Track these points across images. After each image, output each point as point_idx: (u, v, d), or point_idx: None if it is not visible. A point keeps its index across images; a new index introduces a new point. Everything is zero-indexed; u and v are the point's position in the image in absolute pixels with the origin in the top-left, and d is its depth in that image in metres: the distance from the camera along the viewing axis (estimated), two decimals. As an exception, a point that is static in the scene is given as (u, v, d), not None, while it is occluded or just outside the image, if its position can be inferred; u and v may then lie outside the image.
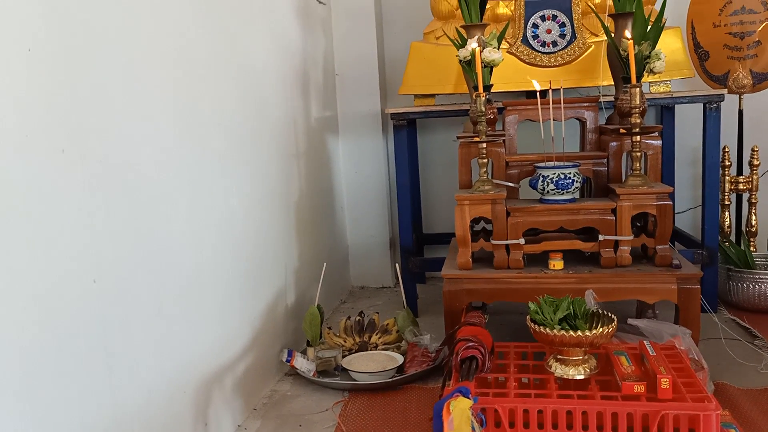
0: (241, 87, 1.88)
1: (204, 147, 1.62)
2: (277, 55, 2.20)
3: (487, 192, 1.93)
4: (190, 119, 1.54)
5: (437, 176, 3.10)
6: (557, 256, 1.93)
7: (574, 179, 1.91)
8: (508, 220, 1.93)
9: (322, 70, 2.72)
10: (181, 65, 1.51)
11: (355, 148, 2.95)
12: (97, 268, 1.16)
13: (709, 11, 2.61)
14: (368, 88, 2.92)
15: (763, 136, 2.76)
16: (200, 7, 1.63)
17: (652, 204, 1.87)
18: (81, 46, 1.15)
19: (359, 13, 2.88)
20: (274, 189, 2.10)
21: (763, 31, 2.54)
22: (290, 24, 2.37)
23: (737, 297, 2.37)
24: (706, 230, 2.38)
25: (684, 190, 2.92)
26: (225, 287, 1.70)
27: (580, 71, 2.43)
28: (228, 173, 1.76)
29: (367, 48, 2.90)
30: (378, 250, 3.00)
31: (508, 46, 2.46)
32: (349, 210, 2.98)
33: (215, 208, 1.66)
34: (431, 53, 2.51)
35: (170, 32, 1.47)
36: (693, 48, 2.65)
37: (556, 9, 2.44)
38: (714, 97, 2.29)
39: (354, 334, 2.15)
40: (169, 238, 1.42)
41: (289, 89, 2.30)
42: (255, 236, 1.92)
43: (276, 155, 2.14)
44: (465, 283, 1.94)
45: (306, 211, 2.40)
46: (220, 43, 1.75)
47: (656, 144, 2.00)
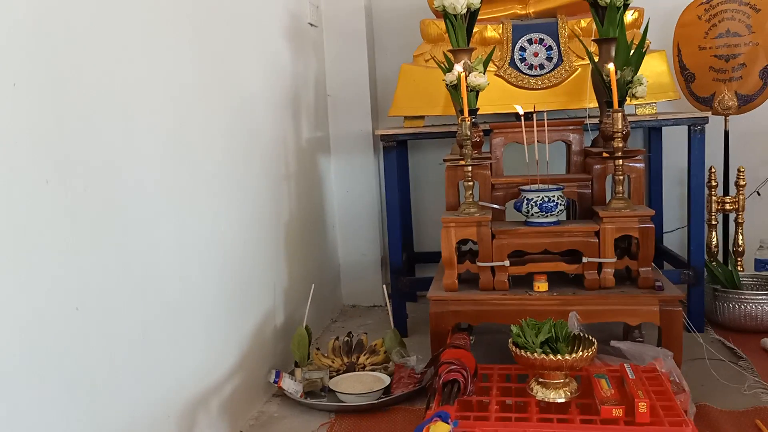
0: (231, 109, 1.92)
1: (193, 171, 1.64)
2: (268, 77, 2.24)
3: (473, 214, 1.96)
4: (178, 144, 1.57)
5: (429, 195, 3.12)
6: (542, 277, 1.95)
7: (558, 202, 1.93)
8: (494, 242, 1.95)
9: (313, 91, 2.75)
10: (170, 91, 1.55)
11: (347, 168, 2.98)
12: (80, 295, 1.18)
13: (695, 34, 2.65)
14: (360, 109, 2.95)
15: (749, 157, 2.80)
16: (189, 33, 1.67)
17: (635, 227, 1.89)
18: (67, 77, 1.18)
19: (351, 35, 2.92)
20: (264, 210, 2.13)
21: (748, 53, 2.58)
22: (281, 46, 2.40)
23: (724, 317, 2.39)
24: (692, 250, 2.40)
25: (673, 209, 2.95)
26: (212, 309, 1.72)
27: (566, 93, 2.47)
28: (217, 196, 1.78)
29: (358, 69, 2.94)
30: (370, 268, 3.02)
31: (495, 69, 2.50)
32: (341, 229, 3.01)
33: (203, 232, 1.69)
34: (420, 76, 2.54)
35: (158, 58, 1.50)
36: (679, 70, 2.69)
37: (543, 33, 2.48)
38: (698, 120, 2.32)
39: (342, 355, 2.16)
40: (154, 263, 1.44)
41: (279, 111, 2.33)
42: (244, 258, 1.94)
43: (266, 176, 2.17)
44: (450, 304, 1.96)
45: (296, 231, 2.43)
46: (210, 67, 1.78)
47: (639, 167, 2.03)
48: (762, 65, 2.56)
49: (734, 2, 2.58)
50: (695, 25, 2.64)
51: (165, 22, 1.55)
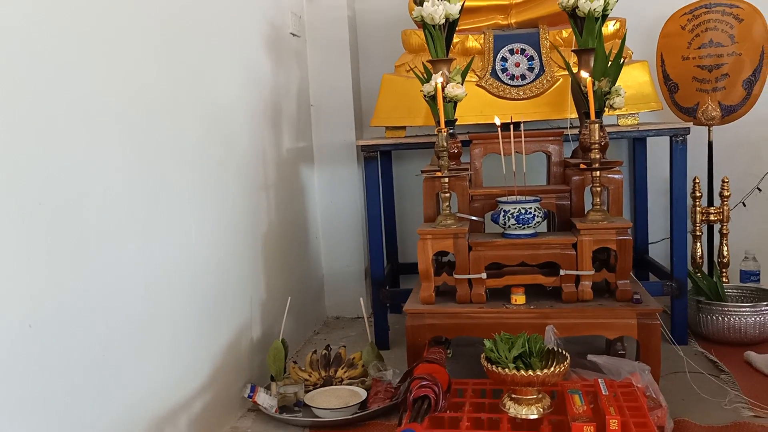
0: (205, 120, 1.89)
1: (160, 182, 1.62)
2: (246, 87, 2.22)
3: (450, 226, 1.94)
4: (145, 154, 1.55)
5: (413, 205, 3.10)
6: (519, 290, 1.93)
7: (535, 214, 1.91)
8: (471, 255, 1.93)
9: (296, 101, 2.74)
10: (137, 101, 1.52)
11: (331, 178, 2.96)
12: (34, 312, 1.16)
13: (678, 44, 2.64)
14: (343, 119, 2.93)
15: (733, 168, 2.78)
16: (159, 43, 1.65)
17: (613, 239, 1.87)
18: (22, 84, 1.16)
19: (335, 44, 2.91)
20: (240, 222, 2.11)
21: (731, 64, 2.57)
22: (261, 57, 2.39)
23: (707, 329, 2.36)
24: (675, 262, 2.38)
25: (658, 220, 2.93)
26: (181, 324, 1.69)
27: (548, 104, 2.45)
28: (188, 209, 1.76)
29: (342, 79, 2.92)
30: (353, 279, 3.00)
31: (477, 79, 2.48)
32: (325, 239, 2.98)
33: (171, 244, 1.66)
34: (402, 86, 2.53)
35: (125, 67, 1.48)
36: (663, 80, 2.67)
37: (525, 43, 2.47)
38: (680, 131, 2.31)
39: (320, 369, 2.14)
40: (117, 276, 1.42)
41: (258, 121, 2.31)
42: (217, 271, 1.91)
43: (243, 188, 2.15)
44: (427, 318, 1.93)
45: (275, 242, 2.40)
46: (182, 77, 1.76)
47: (618, 178, 2.01)
48: (745, 76, 2.55)
49: (717, 13, 2.57)
50: (678, 36, 2.63)
51: (133, 31, 1.53)
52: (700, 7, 2.59)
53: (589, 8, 2.02)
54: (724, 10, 2.56)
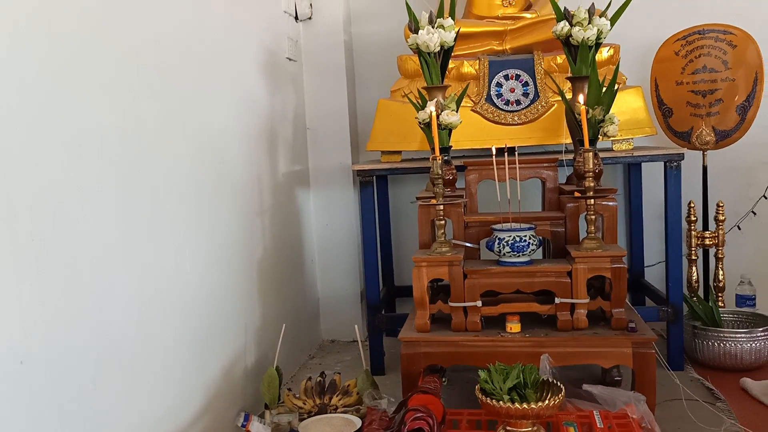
0: (200, 149, 1.90)
1: (154, 212, 1.62)
2: (241, 114, 2.23)
3: (445, 254, 1.94)
4: (137, 184, 1.55)
5: (409, 228, 3.10)
6: (514, 318, 1.92)
7: (530, 242, 1.91)
8: (466, 282, 1.93)
9: (292, 125, 2.75)
10: (128, 130, 1.53)
11: (327, 201, 2.97)
12: (26, 348, 1.15)
13: (672, 69, 2.65)
14: (340, 142, 2.94)
15: (729, 192, 2.79)
16: (152, 70, 1.65)
17: (607, 267, 1.87)
18: (12, 114, 1.16)
19: (331, 68, 2.92)
20: (235, 248, 2.11)
21: (725, 89, 2.59)
22: (257, 83, 2.40)
23: (703, 355, 2.36)
24: (670, 287, 2.38)
25: (653, 243, 2.93)
26: (174, 353, 1.68)
27: (543, 129, 2.46)
28: (181, 236, 1.76)
29: (338, 103, 2.93)
30: (349, 302, 2.99)
31: (472, 105, 2.50)
32: (320, 263, 2.98)
33: (164, 274, 1.66)
34: (398, 111, 2.54)
35: (117, 95, 1.49)
36: (657, 105, 2.69)
37: (520, 69, 2.49)
38: (674, 156, 2.32)
39: (314, 396, 2.12)
40: (108, 309, 1.41)
41: (254, 146, 2.32)
42: (211, 299, 1.91)
43: (238, 214, 2.15)
44: (422, 346, 1.93)
45: (270, 268, 2.40)
46: (177, 109, 1.77)
47: (612, 205, 2.01)
48: (739, 101, 2.57)
49: (711, 39, 2.59)
50: (672, 61, 2.65)
51: (128, 62, 1.54)
52: (693, 33, 2.61)
53: (582, 37, 2.04)
54: (717, 36, 2.58)
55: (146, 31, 1.62)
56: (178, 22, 1.80)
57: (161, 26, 1.70)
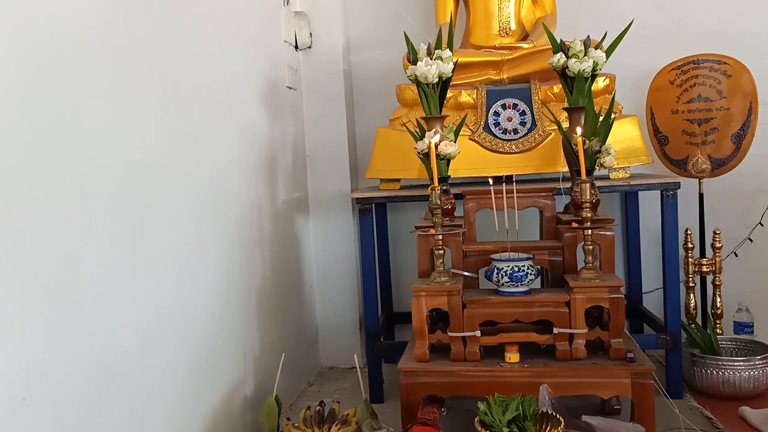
0: (201, 180, 1.92)
1: (155, 242, 1.63)
2: (242, 143, 2.25)
3: (444, 283, 1.95)
4: (140, 218, 1.56)
5: (408, 254, 3.11)
6: (513, 348, 1.93)
7: (528, 272, 1.93)
8: (465, 312, 1.94)
9: (291, 153, 2.77)
10: (132, 164, 1.55)
11: (326, 228, 2.98)
12: (28, 384, 1.16)
13: (667, 98, 2.69)
14: (339, 169, 2.96)
15: (725, 219, 2.81)
16: (154, 103, 1.67)
17: (605, 297, 1.88)
18: (16, 150, 1.18)
19: (330, 96, 2.95)
20: (234, 277, 2.12)
21: (720, 118, 2.62)
22: (257, 112, 2.43)
23: (702, 383, 2.36)
24: (669, 315, 2.39)
25: (651, 269, 2.95)
26: (174, 385, 1.69)
27: (541, 157, 2.49)
28: (182, 268, 1.77)
29: (337, 130, 2.96)
30: (348, 329, 2.99)
31: (470, 133, 2.52)
32: (319, 289, 2.99)
33: (165, 306, 1.67)
34: (396, 139, 2.56)
35: (124, 137, 1.51)
36: (653, 133, 2.72)
37: (517, 98, 2.52)
38: (670, 185, 2.34)
39: (314, 426, 2.11)
40: (110, 341, 1.42)
41: (254, 175, 2.34)
42: (210, 327, 1.91)
43: (238, 243, 2.16)
44: (421, 376, 1.93)
45: (270, 296, 2.41)
46: (179, 141, 1.79)
47: (609, 235, 2.03)
48: (734, 130, 2.60)
49: (705, 68, 2.63)
50: (667, 90, 2.69)
51: (131, 96, 1.56)
52: (688, 62, 2.65)
53: (578, 69, 2.07)
54: (712, 66, 2.61)
55: (148, 65, 1.64)
56: (179, 55, 1.82)
57: (163, 59, 1.72)
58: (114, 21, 1.50)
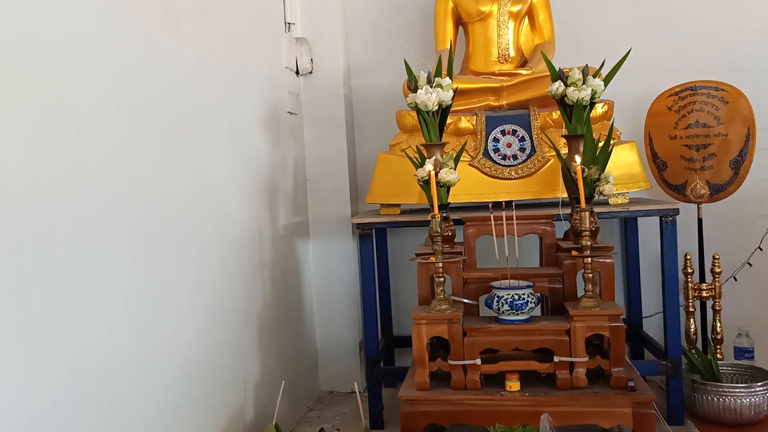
0: (202, 209, 1.93)
1: (157, 273, 1.64)
2: (242, 170, 2.26)
3: (444, 311, 1.95)
4: (142, 252, 1.57)
5: (408, 277, 3.10)
6: (514, 376, 1.93)
7: (528, 300, 1.93)
8: (465, 340, 1.94)
9: (292, 177, 2.78)
10: (136, 202, 1.55)
11: (326, 251, 2.98)
12: (28, 414, 1.16)
13: (665, 124, 2.71)
14: (339, 193, 2.98)
15: (725, 243, 2.82)
16: (160, 140, 1.69)
17: (605, 326, 1.88)
18: (18, 185, 1.19)
19: (331, 121, 2.97)
20: (234, 304, 2.12)
21: (718, 144, 2.63)
22: (258, 138, 2.44)
23: (703, 410, 2.35)
24: (669, 341, 2.38)
25: (651, 293, 2.95)
26: (174, 413, 1.68)
27: (540, 183, 2.50)
28: (183, 297, 1.77)
29: (338, 154, 2.97)
30: (348, 353, 2.99)
31: (470, 159, 2.54)
32: (319, 313, 2.98)
33: (166, 335, 1.67)
34: (397, 165, 2.57)
35: (126, 169, 1.52)
36: (651, 158, 2.73)
37: (516, 124, 2.54)
38: (669, 211, 2.35)
39: (313, 453, 2.11)
40: (111, 372, 1.42)
41: (254, 201, 2.35)
42: (211, 355, 1.91)
43: (238, 268, 2.16)
44: (422, 404, 1.92)
45: (270, 321, 2.40)
46: (181, 170, 1.80)
47: (609, 262, 2.03)
48: (732, 156, 2.61)
49: (703, 95, 2.65)
50: (665, 116, 2.71)
51: (133, 126, 1.57)
52: (685, 89, 2.67)
53: (577, 97, 2.09)
54: (709, 93, 2.64)
55: (150, 92, 1.66)
56: (181, 82, 1.84)
57: (165, 87, 1.74)
58: (116, 49, 1.51)
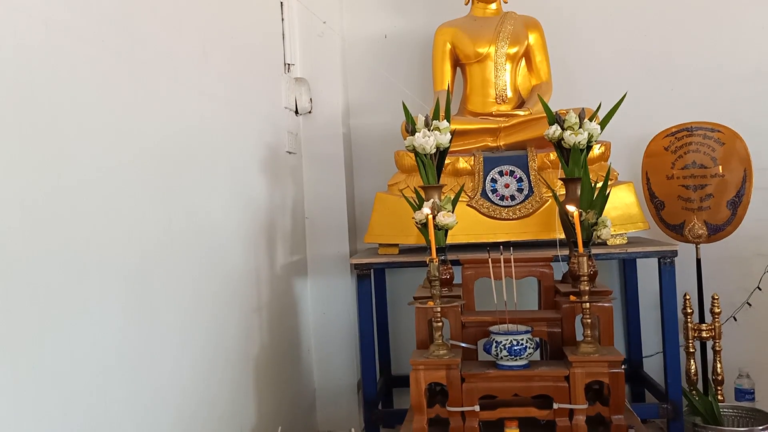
0: (200, 253, 1.92)
1: (152, 323, 1.62)
2: (241, 211, 2.26)
3: (442, 357, 1.93)
4: (139, 302, 1.56)
5: (407, 313, 3.08)
6: (513, 423, 1.90)
7: (527, 345, 1.91)
8: (463, 386, 1.92)
9: (290, 216, 2.79)
10: (133, 252, 1.55)
11: (324, 290, 2.98)
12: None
13: (662, 164, 2.72)
14: (337, 232, 2.98)
15: (724, 283, 2.82)
16: (158, 185, 1.69)
17: (605, 372, 1.86)
18: (16, 242, 1.19)
19: (329, 159, 2.99)
20: (231, 348, 2.10)
21: (715, 185, 2.64)
22: (256, 179, 2.45)
23: (705, 454, 2.33)
24: (669, 384, 2.37)
25: (650, 333, 2.93)
26: (169, 466, 1.66)
27: (538, 224, 2.51)
28: (178, 343, 1.76)
29: (336, 193, 2.98)
30: (346, 393, 2.96)
31: (468, 199, 2.54)
32: (317, 352, 2.96)
33: (161, 383, 1.65)
34: (394, 205, 2.58)
35: (123, 218, 1.52)
36: (649, 197, 2.74)
37: (513, 165, 2.55)
38: (667, 253, 2.35)
39: (310, 501, 2.08)
40: (105, 421, 1.40)
41: (252, 242, 2.34)
42: (207, 402, 1.89)
43: (235, 312, 2.15)
44: (420, 452, 1.90)
45: (267, 363, 2.39)
46: (178, 215, 1.80)
47: (608, 306, 2.02)
48: (729, 197, 2.62)
49: (699, 136, 2.67)
50: (662, 156, 2.72)
51: (130, 173, 1.56)
52: (682, 130, 2.69)
53: (574, 141, 2.10)
54: (705, 134, 2.66)
55: (149, 139, 1.66)
56: (181, 128, 1.85)
57: (164, 131, 1.74)
58: (116, 97, 1.52)
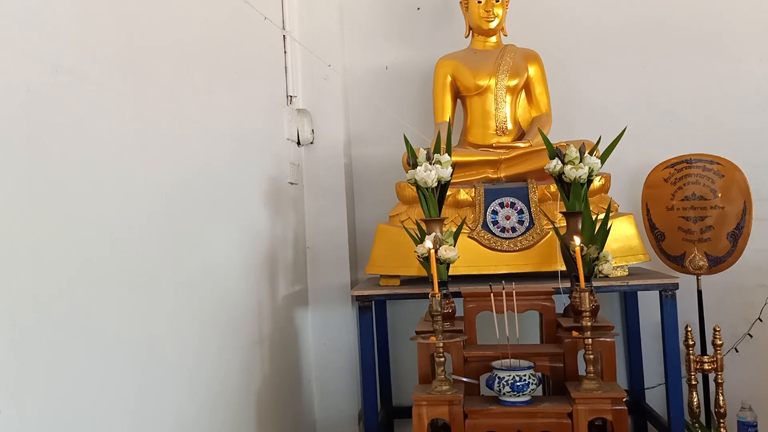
0: (203, 290, 1.92)
1: (155, 365, 1.62)
2: (244, 244, 2.27)
3: (445, 393, 1.93)
4: (141, 340, 1.56)
5: (409, 344, 3.07)
6: (516, 460, 1.89)
7: (530, 381, 1.91)
8: (466, 423, 1.91)
9: (292, 247, 2.79)
10: (138, 289, 1.56)
11: (325, 320, 2.97)
12: None
13: (662, 195, 2.73)
14: (339, 262, 2.98)
15: (726, 314, 2.81)
16: (161, 221, 1.70)
17: (608, 409, 1.86)
18: (31, 294, 1.19)
19: (331, 190, 3.00)
20: (234, 383, 2.10)
21: (715, 217, 2.65)
22: (259, 211, 2.46)
23: (709, 489, 2.31)
24: (672, 417, 2.35)
25: (652, 364, 2.92)
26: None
27: (538, 256, 2.51)
28: (181, 385, 1.75)
29: (338, 223, 2.99)
30: (347, 424, 2.95)
31: (469, 231, 2.55)
32: (318, 383, 2.95)
33: (164, 422, 1.65)
34: (396, 236, 2.58)
35: (128, 257, 1.52)
36: (649, 229, 2.75)
37: (514, 197, 2.56)
38: (668, 286, 2.35)
39: None
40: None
41: (254, 275, 2.35)
42: (209, 439, 1.89)
43: (238, 347, 2.15)
44: (422, 490, 1.89)
45: (269, 396, 2.38)
46: (182, 250, 1.81)
47: (610, 341, 2.02)
48: (729, 229, 2.63)
49: (699, 168, 2.69)
50: (662, 187, 2.73)
51: (133, 201, 1.57)
52: (681, 161, 2.71)
53: (574, 176, 2.12)
54: (704, 166, 2.67)
55: (155, 180, 1.68)
56: (186, 167, 1.86)
57: (171, 176, 1.76)
58: (123, 139, 1.54)
